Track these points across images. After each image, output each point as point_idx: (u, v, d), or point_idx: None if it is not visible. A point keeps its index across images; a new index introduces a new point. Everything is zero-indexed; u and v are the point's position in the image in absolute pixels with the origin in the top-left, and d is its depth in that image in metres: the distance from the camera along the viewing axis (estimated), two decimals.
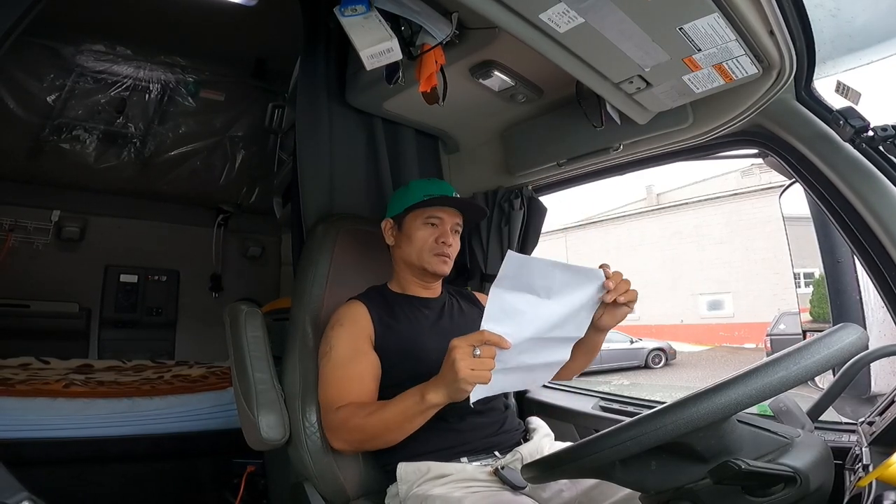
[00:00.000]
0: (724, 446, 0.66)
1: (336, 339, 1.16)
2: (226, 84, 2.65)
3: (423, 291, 1.30)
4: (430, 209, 1.24)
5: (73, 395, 1.97)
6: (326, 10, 1.13)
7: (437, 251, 1.23)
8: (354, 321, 1.18)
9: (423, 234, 1.23)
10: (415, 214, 1.24)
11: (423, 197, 1.23)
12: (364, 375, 1.13)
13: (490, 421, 1.15)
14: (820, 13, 0.92)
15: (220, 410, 2.12)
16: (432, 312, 1.27)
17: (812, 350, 0.61)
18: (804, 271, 1.78)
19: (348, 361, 1.13)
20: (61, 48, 2.31)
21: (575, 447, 0.69)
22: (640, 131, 1.26)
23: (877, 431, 0.88)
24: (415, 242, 1.23)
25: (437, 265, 1.23)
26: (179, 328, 3.19)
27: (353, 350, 1.15)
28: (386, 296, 1.27)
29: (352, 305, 1.22)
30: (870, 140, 0.97)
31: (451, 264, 1.26)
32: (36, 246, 2.81)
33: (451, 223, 1.25)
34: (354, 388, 1.10)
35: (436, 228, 1.24)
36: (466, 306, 1.35)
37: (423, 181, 1.32)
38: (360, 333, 1.17)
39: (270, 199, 2.87)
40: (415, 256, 1.24)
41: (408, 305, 1.26)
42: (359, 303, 1.22)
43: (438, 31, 1.06)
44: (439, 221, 1.24)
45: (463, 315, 1.31)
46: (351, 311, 1.20)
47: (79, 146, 2.68)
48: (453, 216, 1.26)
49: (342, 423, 1.06)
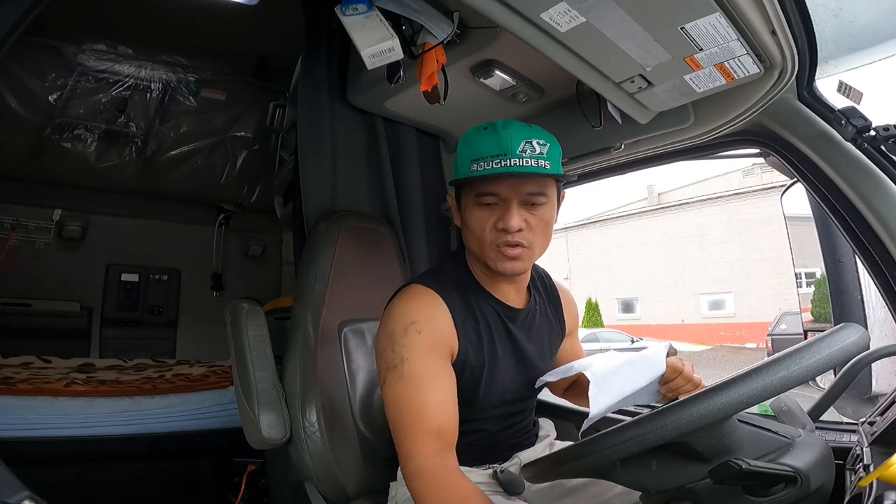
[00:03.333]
0: (725, 446, 0.66)
1: (411, 348, 0.87)
2: (227, 83, 2.65)
3: (510, 296, 1.01)
4: (480, 183, 0.90)
5: (75, 394, 1.97)
6: (328, 10, 1.13)
7: (499, 242, 0.91)
8: (434, 327, 0.90)
9: (477, 219, 0.92)
10: (467, 189, 0.94)
11: (471, 168, 0.89)
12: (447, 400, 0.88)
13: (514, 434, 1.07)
14: (822, 13, 0.92)
15: (221, 409, 2.12)
16: (518, 332, 1.01)
17: (813, 350, 0.61)
18: (805, 271, 1.78)
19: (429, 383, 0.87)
20: (63, 47, 2.31)
21: (575, 447, 0.69)
22: (641, 131, 1.26)
23: (878, 431, 0.88)
24: (472, 230, 0.94)
25: (501, 264, 0.92)
26: (180, 327, 3.19)
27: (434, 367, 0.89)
28: (467, 292, 0.98)
29: (429, 301, 0.93)
30: (872, 140, 0.96)
31: (530, 258, 0.94)
32: (37, 245, 2.81)
33: (518, 196, 0.90)
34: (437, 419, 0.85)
35: (494, 208, 0.91)
36: (551, 313, 1.11)
37: (477, 131, 0.92)
38: (441, 344, 0.91)
39: (271, 198, 2.87)
40: (476, 248, 0.95)
41: (492, 315, 0.99)
42: (438, 299, 0.93)
43: (439, 31, 1.06)
44: (496, 199, 0.90)
45: (547, 331, 1.08)
46: (429, 311, 0.92)
47: (80, 145, 2.69)
48: (518, 185, 0.89)
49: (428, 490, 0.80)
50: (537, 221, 0.92)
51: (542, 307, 1.09)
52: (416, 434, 0.84)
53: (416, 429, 0.85)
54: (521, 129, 0.89)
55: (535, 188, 0.90)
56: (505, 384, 1.00)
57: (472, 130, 0.94)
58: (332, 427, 1.22)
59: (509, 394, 1.01)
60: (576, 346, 1.23)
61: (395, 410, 0.87)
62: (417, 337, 0.88)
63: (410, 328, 0.88)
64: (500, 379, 0.99)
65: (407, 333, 0.88)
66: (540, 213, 0.92)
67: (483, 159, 0.88)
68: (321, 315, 1.28)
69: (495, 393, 0.99)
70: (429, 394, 0.86)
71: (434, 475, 0.80)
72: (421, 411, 0.85)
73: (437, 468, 0.81)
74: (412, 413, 0.85)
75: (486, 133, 0.90)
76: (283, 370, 1.26)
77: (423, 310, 0.91)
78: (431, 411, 0.85)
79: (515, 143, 0.87)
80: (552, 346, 1.11)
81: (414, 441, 0.84)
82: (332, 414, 1.23)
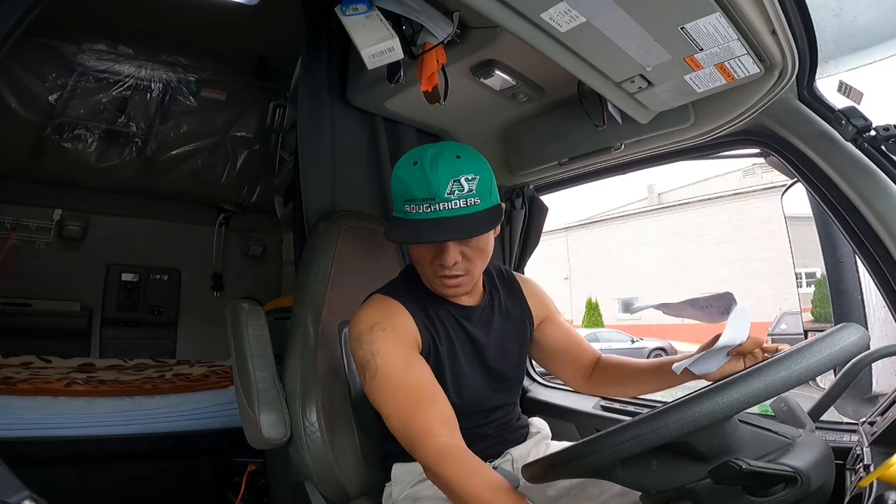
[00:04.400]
0: (726, 446, 0.66)
1: (379, 343, 0.93)
2: (227, 83, 2.66)
3: (462, 298, 1.06)
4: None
5: (75, 394, 1.97)
6: (328, 10, 1.13)
7: (439, 274, 0.96)
8: (396, 325, 0.96)
9: (417, 253, 0.99)
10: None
11: (404, 209, 0.93)
12: (432, 381, 0.93)
13: (498, 430, 1.09)
14: (822, 13, 0.92)
15: (222, 409, 2.12)
16: (475, 329, 1.06)
17: (814, 350, 0.61)
18: (806, 271, 1.78)
19: (407, 368, 0.92)
20: (63, 47, 2.31)
21: (575, 447, 0.69)
22: (641, 130, 1.26)
23: (878, 431, 0.88)
24: (414, 260, 1.02)
25: (444, 290, 0.99)
26: (181, 327, 3.19)
27: (406, 355, 0.94)
28: (422, 299, 1.03)
29: (388, 305, 0.99)
30: (872, 140, 0.96)
31: (471, 281, 0.99)
32: (37, 245, 2.81)
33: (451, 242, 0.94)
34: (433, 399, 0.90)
35: (429, 247, 0.96)
36: (511, 305, 1.14)
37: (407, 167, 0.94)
38: (407, 337, 0.96)
39: (272, 197, 2.87)
40: (420, 274, 1.02)
41: (447, 317, 1.04)
42: (396, 303, 0.99)
43: (440, 31, 1.06)
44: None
45: (508, 323, 1.12)
46: (389, 312, 0.97)
47: (80, 145, 2.69)
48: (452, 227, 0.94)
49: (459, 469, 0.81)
50: (472, 251, 0.96)
51: (501, 301, 1.12)
52: (421, 415, 0.87)
53: (418, 411, 0.87)
54: (448, 168, 0.90)
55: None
56: (470, 380, 1.04)
57: (402, 165, 0.95)
58: (333, 427, 1.22)
59: (477, 389, 1.05)
60: (562, 329, 1.22)
61: (386, 401, 0.90)
62: (382, 334, 0.94)
63: (375, 328, 0.94)
64: (464, 375, 1.03)
65: (372, 332, 0.94)
66: (475, 243, 0.95)
67: (414, 201, 0.91)
68: (321, 315, 1.28)
69: (464, 390, 1.03)
70: (410, 378, 0.91)
71: (462, 455, 0.82)
72: (415, 393, 0.89)
73: (461, 449, 0.83)
74: (407, 397, 0.89)
75: (416, 171, 0.91)
76: (283, 370, 1.26)
77: (384, 312, 0.97)
78: (424, 392, 0.90)
79: (443, 184, 0.89)
80: (518, 337, 1.13)
81: (420, 422, 0.86)
82: (333, 414, 1.23)
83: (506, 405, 1.12)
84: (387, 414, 0.91)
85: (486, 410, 1.08)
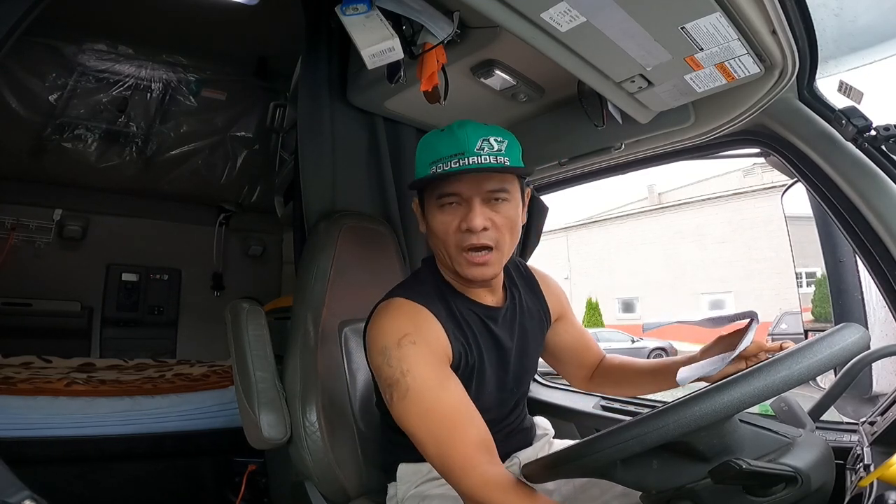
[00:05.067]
0: (726, 446, 0.65)
1: (409, 360, 0.84)
2: (227, 83, 2.66)
3: (487, 296, 0.99)
4: (440, 184, 0.89)
5: (75, 394, 1.97)
6: (328, 10, 1.13)
7: (465, 245, 0.88)
8: (427, 338, 0.88)
9: (441, 223, 0.90)
10: (428, 192, 0.92)
11: (430, 168, 0.88)
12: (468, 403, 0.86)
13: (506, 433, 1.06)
14: (823, 12, 0.92)
15: (222, 409, 2.12)
16: (501, 332, 0.99)
17: (814, 350, 0.61)
18: (806, 271, 1.78)
19: (441, 389, 0.84)
20: (63, 47, 2.31)
21: (576, 447, 0.69)
22: (641, 130, 1.26)
23: (878, 431, 0.88)
24: (436, 235, 0.92)
25: (468, 270, 0.90)
26: (181, 327, 3.19)
27: (438, 373, 0.86)
28: (447, 299, 0.96)
29: (415, 313, 0.90)
30: (872, 139, 0.96)
31: (499, 261, 0.91)
32: (38, 245, 2.81)
33: (481, 195, 0.88)
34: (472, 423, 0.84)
35: (457, 209, 0.88)
36: (531, 304, 1.08)
37: (435, 133, 0.92)
38: (439, 352, 0.89)
39: (272, 197, 2.87)
40: (442, 254, 0.93)
41: (473, 318, 0.97)
42: (424, 310, 0.90)
43: (440, 31, 1.06)
44: (457, 199, 0.88)
45: (529, 323, 1.06)
46: (418, 322, 0.89)
47: (81, 145, 2.69)
48: (479, 182, 0.88)
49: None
50: (502, 220, 0.90)
51: (521, 301, 1.07)
52: (457, 443, 0.80)
53: (455, 438, 0.81)
54: (477, 128, 0.89)
55: (496, 185, 0.89)
56: (491, 385, 1.00)
57: (430, 133, 0.94)
58: (333, 427, 1.22)
59: (496, 395, 1.02)
60: (573, 328, 1.19)
61: (419, 425, 0.83)
62: (413, 348, 0.85)
63: (403, 341, 0.85)
64: (487, 380, 0.98)
65: (401, 346, 0.85)
66: (504, 210, 0.90)
67: (441, 160, 0.87)
68: (321, 315, 1.28)
69: (484, 397, 0.98)
70: (445, 401, 0.83)
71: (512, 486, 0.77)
72: (450, 417, 0.82)
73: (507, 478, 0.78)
74: (442, 423, 0.81)
75: (443, 135, 0.89)
76: (283, 370, 1.26)
77: (413, 322, 0.88)
78: (459, 415, 0.83)
79: (472, 141, 0.86)
80: (537, 339, 1.11)
81: (458, 452, 0.80)
82: (333, 414, 1.23)
83: (517, 409, 1.10)
84: (419, 439, 0.83)
85: (499, 416, 1.04)
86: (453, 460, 0.80)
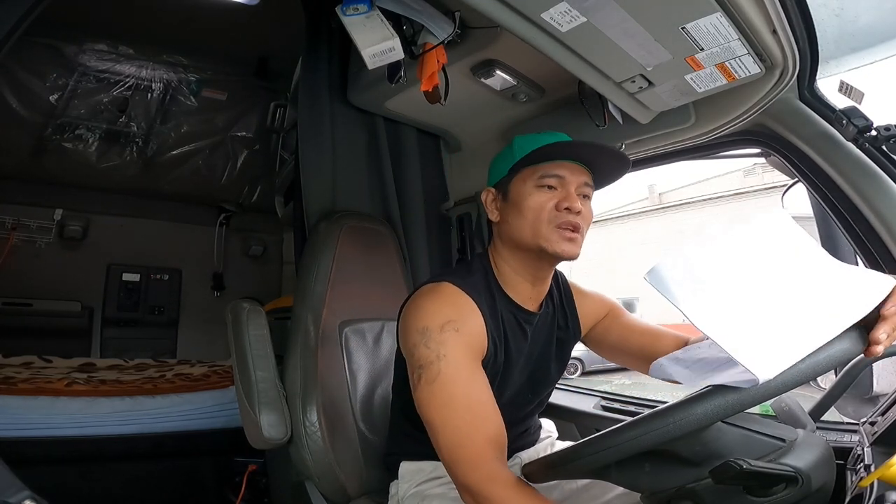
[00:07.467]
0: (713, 452, 0.65)
1: (448, 346, 0.85)
2: (228, 83, 2.66)
3: (528, 300, 1.00)
4: (544, 165, 0.92)
5: (76, 394, 1.97)
6: (328, 10, 1.13)
7: (559, 222, 0.90)
8: (470, 330, 0.88)
9: (536, 201, 0.92)
10: (523, 176, 0.94)
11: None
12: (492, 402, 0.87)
13: (517, 438, 1.06)
14: (823, 12, 0.92)
15: (222, 409, 2.12)
16: (533, 338, 1.01)
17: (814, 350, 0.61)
18: None
19: (470, 382, 0.85)
20: (64, 48, 2.31)
21: (569, 449, 0.70)
22: (642, 130, 1.26)
23: (879, 431, 0.88)
24: (526, 213, 0.92)
25: (559, 244, 0.91)
26: (181, 327, 3.19)
27: (472, 367, 0.87)
28: (493, 295, 0.97)
29: (463, 302, 0.91)
30: (873, 139, 0.96)
31: (581, 244, 0.93)
32: (38, 245, 2.81)
33: (577, 183, 0.93)
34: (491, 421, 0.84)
35: (554, 192, 0.92)
36: (561, 318, 1.08)
37: (530, 136, 0.97)
38: (476, 346, 0.90)
39: (272, 197, 2.87)
40: (528, 233, 0.92)
41: (510, 319, 0.98)
42: (471, 301, 0.91)
43: (440, 31, 1.06)
44: (558, 181, 0.92)
45: (559, 334, 1.07)
46: (464, 312, 0.90)
47: (81, 145, 2.69)
48: (579, 174, 0.93)
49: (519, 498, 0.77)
50: (587, 212, 0.95)
51: (553, 313, 1.07)
52: (474, 437, 0.81)
53: (472, 432, 0.81)
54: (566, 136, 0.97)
55: (590, 180, 0.95)
56: (514, 387, 1.01)
57: (519, 137, 0.99)
58: (333, 427, 1.22)
59: (516, 396, 1.02)
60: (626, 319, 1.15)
61: (439, 411, 0.83)
62: (455, 335, 0.86)
63: (447, 326, 0.86)
64: (511, 382, 0.99)
65: (444, 331, 0.85)
66: (587, 206, 0.95)
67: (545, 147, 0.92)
68: (322, 315, 1.28)
69: (505, 396, 0.98)
70: (472, 394, 0.84)
71: (515, 485, 0.78)
72: (472, 410, 0.83)
73: (512, 478, 0.79)
74: (465, 414, 0.82)
75: (541, 134, 0.97)
76: (283, 370, 1.26)
77: (459, 310, 0.89)
78: (481, 409, 0.84)
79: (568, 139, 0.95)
80: (564, 351, 1.10)
81: (472, 445, 0.81)
82: (333, 414, 1.23)
83: (530, 417, 1.10)
84: (435, 427, 0.83)
85: (517, 421, 1.05)
86: (465, 452, 0.81)
